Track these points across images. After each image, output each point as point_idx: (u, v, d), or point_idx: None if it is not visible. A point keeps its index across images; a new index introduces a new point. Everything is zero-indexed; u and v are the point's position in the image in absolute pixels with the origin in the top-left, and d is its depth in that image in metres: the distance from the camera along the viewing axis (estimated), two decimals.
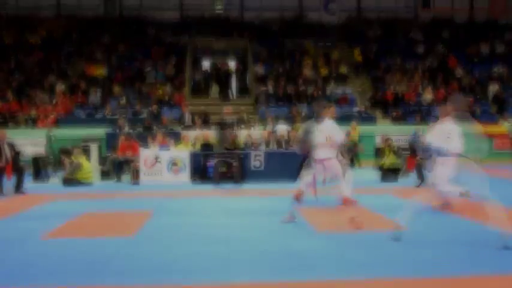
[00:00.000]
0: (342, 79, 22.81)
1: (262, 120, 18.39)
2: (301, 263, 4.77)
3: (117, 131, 16.31)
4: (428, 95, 21.34)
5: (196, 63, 24.38)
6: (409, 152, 13.09)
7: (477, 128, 6.85)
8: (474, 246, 5.30)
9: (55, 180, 13.08)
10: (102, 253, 5.22)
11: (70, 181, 11.99)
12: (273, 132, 14.86)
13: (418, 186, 11.03)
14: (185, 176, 12.43)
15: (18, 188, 10.69)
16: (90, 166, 12.55)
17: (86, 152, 13.70)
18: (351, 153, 15.19)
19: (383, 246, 5.37)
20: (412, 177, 11.74)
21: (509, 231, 4.98)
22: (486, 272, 4.46)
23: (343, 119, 18.17)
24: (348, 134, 15.86)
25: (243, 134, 15.05)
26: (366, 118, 19.38)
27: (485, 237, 5.42)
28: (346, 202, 6.60)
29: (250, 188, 11.26)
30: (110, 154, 14.31)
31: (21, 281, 4.28)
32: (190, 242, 5.73)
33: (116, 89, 21.14)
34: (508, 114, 20.92)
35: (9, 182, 10.69)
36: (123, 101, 20.40)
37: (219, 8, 26.92)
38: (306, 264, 4.73)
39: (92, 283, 4.21)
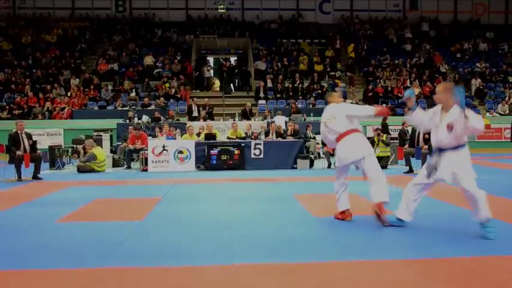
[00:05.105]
0: (335, 75, 22.70)
1: (261, 113, 18.31)
2: (299, 246, 4.65)
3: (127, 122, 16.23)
4: (415, 89, 21.21)
5: (200, 60, 24.24)
6: (398, 142, 12.97)
7: None
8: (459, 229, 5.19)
9: (70, 168, 12.98)
10: (113, 236, 5.09)
11: (84, 169, 11.87)
12: (272, 123, 14.76)
13: (406, 173, 11.01)
14: (190, 164, 12.32)
15: (35, 175, 10.60)
16: (103, 156, 12.40)
17: (98, 142, 13.59)
18: None
19: (375, 230, 5.26)
20: (401, 165, 11.63)
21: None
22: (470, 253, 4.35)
23: None
24: None
25: (244, 125, 14.98)
26: None
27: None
28: None
29: (250, 174, 11.14)
30: (120, 143, 14.22)
31: (37, 263, 4.17)
32: (195, 226, 5.61)
33: (126, 83, 21.05)
34: (489, 107, 20.92)
35: (27, 169, 10.60)
36: (133, 94, 20.32)
37: (221, 9, 26.75)
38: (303, 247, 4.61)
39: (104, 265, 4.10)
